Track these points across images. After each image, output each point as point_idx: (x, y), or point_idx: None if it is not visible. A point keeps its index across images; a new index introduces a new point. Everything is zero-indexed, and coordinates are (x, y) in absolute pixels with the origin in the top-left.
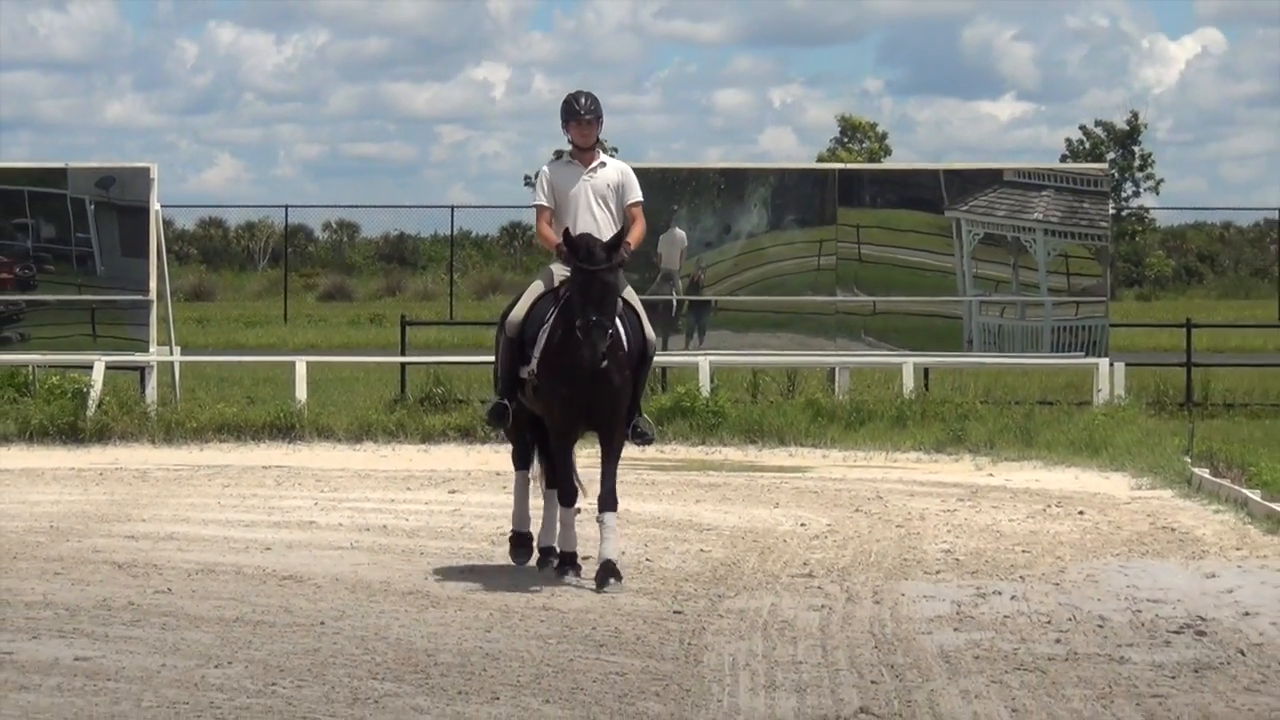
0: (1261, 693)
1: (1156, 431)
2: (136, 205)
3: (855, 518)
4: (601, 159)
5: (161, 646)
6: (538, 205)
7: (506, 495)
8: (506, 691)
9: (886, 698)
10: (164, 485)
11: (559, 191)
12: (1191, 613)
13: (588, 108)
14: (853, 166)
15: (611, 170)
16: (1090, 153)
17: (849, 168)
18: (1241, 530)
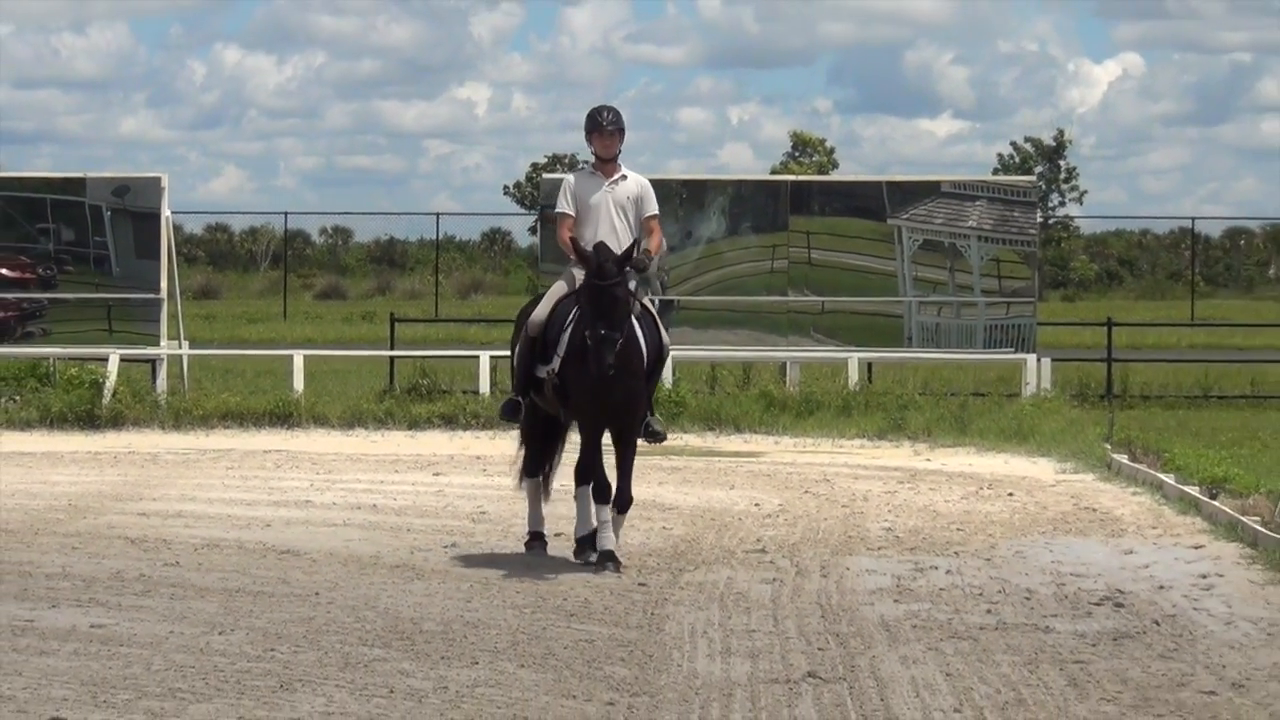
0: (1174, 659)
1: (1079, 421)
2: (149, 212)
3: (804, 499)
4: (623, 171)
5: (170, 615)
6: (560, 213)
7: (486, 477)
8: (485, 657)
9: (832, 663)
10: (173, 467)
11: (581, 201)
12: (1111, 586)
13: (610, 120)
14: (803, 178)
15: (632, 183)
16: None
17: (800, 179)
18: (1157, 511)
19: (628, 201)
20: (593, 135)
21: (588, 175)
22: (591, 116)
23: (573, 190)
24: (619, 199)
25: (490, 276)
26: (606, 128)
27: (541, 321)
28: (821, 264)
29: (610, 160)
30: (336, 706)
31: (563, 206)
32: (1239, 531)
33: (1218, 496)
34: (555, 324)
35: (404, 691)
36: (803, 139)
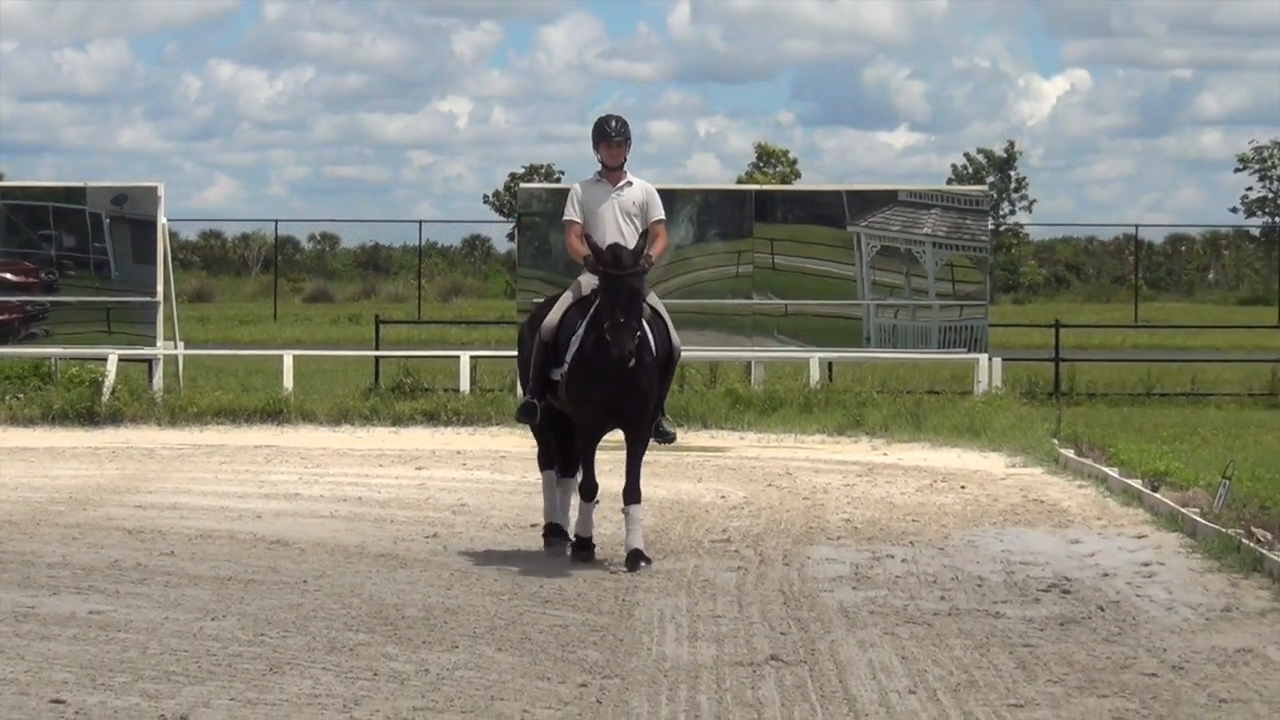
0: (1117, 643)
1: (1029, 417)
2: (146, 219)
3: (768, 491)
4: (629, 179)
5: (165, 602)
6: (568, 220)
7: (466, 471)
8: (465, 641)
9: (794, 647)
10: (168, 462)
11: (588, 208)
12: (1058, 574)
13: (618, 130)
14: (767, 188)
15: (637, 189)
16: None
17: (764, 189)
18: (1101, 503)
19: (634, 207)
20: (600, 144)
21: (594, 183)
22: (599, 126)
23: (580, 198)
24: (625, 205)
25: (470, 281)
26: (614, 138)
27: (554, 326)
28: (784, 269)
29: (617, 168)
30: (323, 688)
31: (570, 214)
32: (1179, 522)
33: (1159, 489)
34: (565, 329)
35: (387, 674)
36: (767, 150)
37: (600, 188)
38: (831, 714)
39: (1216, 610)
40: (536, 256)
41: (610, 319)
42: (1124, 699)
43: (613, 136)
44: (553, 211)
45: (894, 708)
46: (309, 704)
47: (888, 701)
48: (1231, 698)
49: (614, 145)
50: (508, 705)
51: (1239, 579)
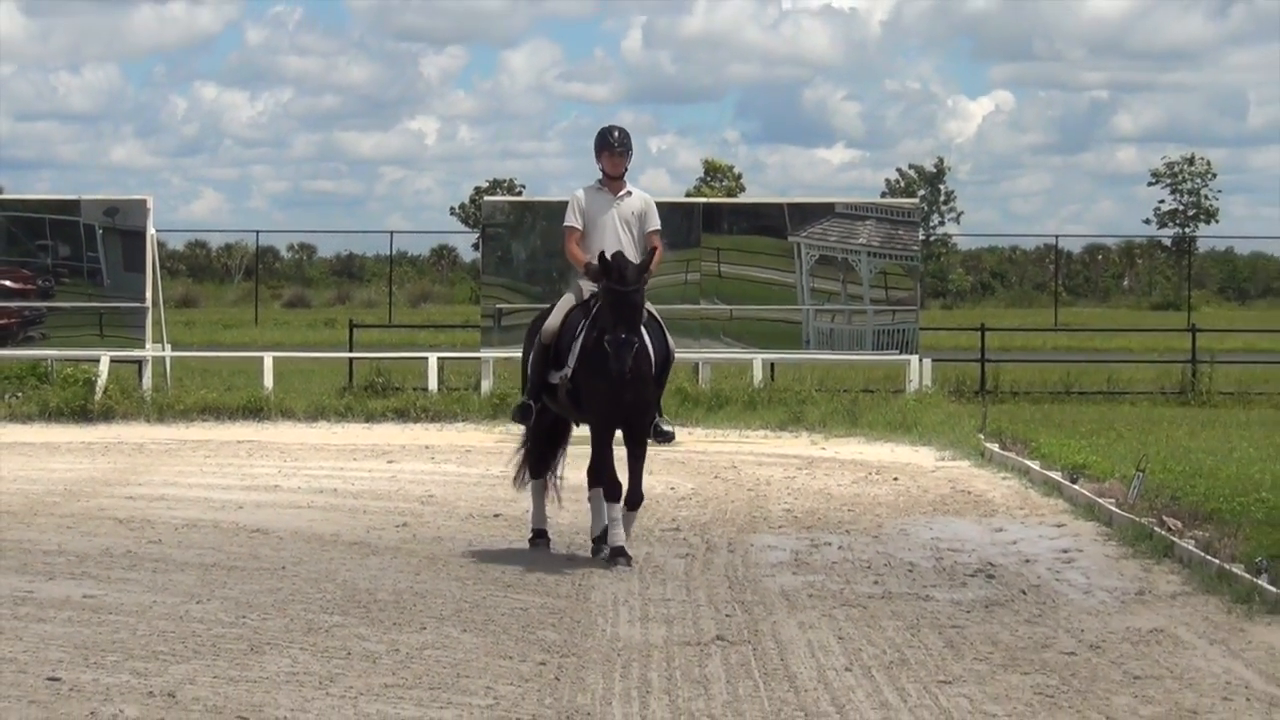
0: (1038, 624)
1: (956, 414)
2: (136, 230)
3: (714, 483)
4: (628, 188)
5: (153, 586)
6: (568, 226)
7: (434, 464)
8: (432, 622)
9: (738, 628)
10: (157, 456)
11: (589, 215)
12: (983, 560)
13: (620, 140)
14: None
15: (637, 199)
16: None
17: (711, 201)
18: (1024, 494)
19: (632, 217)
20: (602, 153)
21: (595, 191)
22: (602, 135)
23: (581, 205)
24: (624, 214)
25: (438, 288)
26: (616, 147)
27: (554, 330)
28: (730, 276)
29: (618, 178)
30: (300, 667)
31: (571, 220)
32: (1096, 512)
33: (1078, 481)
34: (566, 333)
35: (360, 654)
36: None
37: (602, 196)
38: (773, 690)
39: (1131, 594)
40: (499, 265)
41: (611, 334)
42: (1045, 676)
43: (615, 146)
44: (515, 223)
45: (831, 684)
46: (287, 681)
47: (825, 678)
48: (1145, 674)
49: (616, 155)
50: (472, 682)
51: (1151, 565)
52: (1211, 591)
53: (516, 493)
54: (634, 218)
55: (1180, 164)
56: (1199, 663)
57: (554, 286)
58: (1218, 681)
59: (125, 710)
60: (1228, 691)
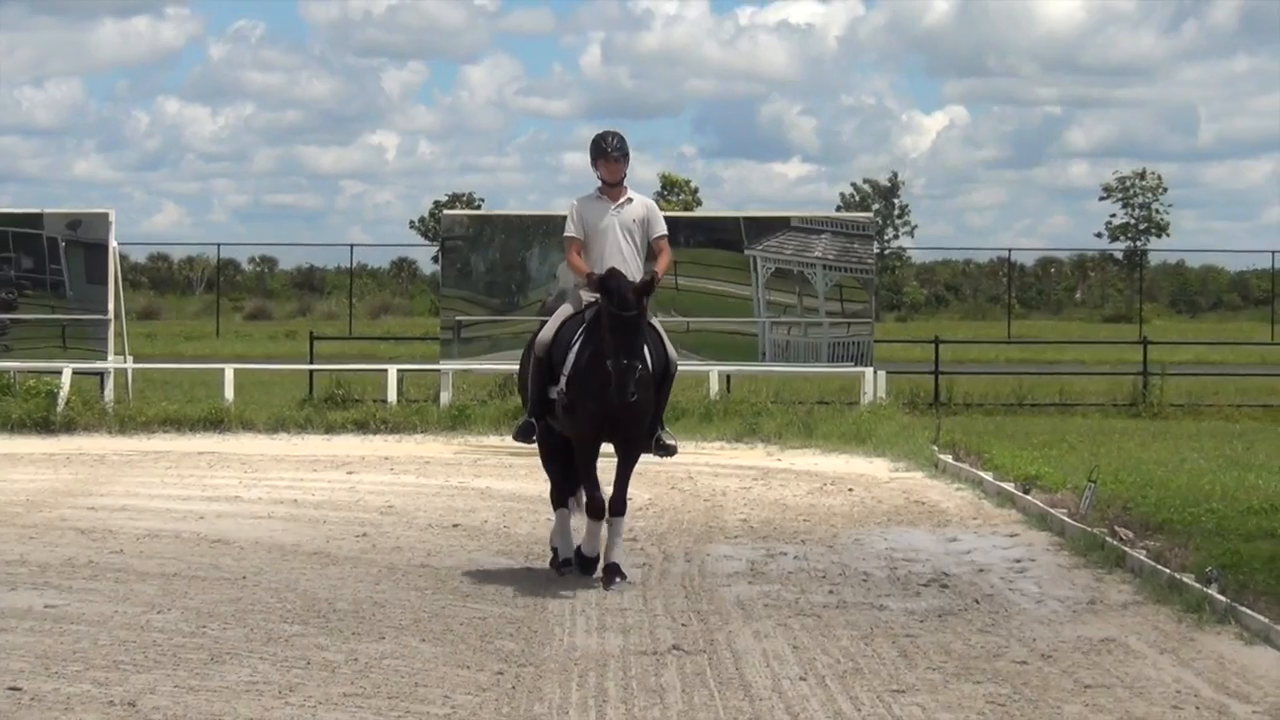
0: (991, 633)
1: (911, 425)
2: (98, 243)
3: (671, 493)
4: (628, 195)
5: (114, 596)
6: (568, 237)
7: (394, 475)
8: (391, 632)
9: (694, 637)
10: (118, 467)
11: (588, 224)
12: (937, 570)
13: (615, 146)
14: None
15: (638, 205)
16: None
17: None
18: (977, 504)
19: (634, 224)
20: (598, 160)
21: (594, 199)
22: (596, 142)
23: (579, 214)
24: (625, 222)
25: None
26: (612, 154)
27: (547, 342)
28: (687, 289)
29: (616, 184)
30: (260, 676)
31: (570, 230)
32: (1049, 522)
33: (1030, 491)
34: (560, 344)
35: (319, 663)
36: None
37: (600, 204)
38: (728, 699)
39: (1082, 603)
40: (459, 277)
41: (614, 360)
42: (997, 685)
43: (610, 152)
44: (473, 236)
45: (786, 693)
46: (247, 691)
47: (780, 688)
48: (1096, 683)
49: (612, 161)
50: (431, 691)
51: (1103, 574)
52: (1162, 601)
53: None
54: (635, 225)
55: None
56: (1149, 672)
57: (513, 299)
58: (1168, 690)
59: (86, 719)
60: (1178, 700)
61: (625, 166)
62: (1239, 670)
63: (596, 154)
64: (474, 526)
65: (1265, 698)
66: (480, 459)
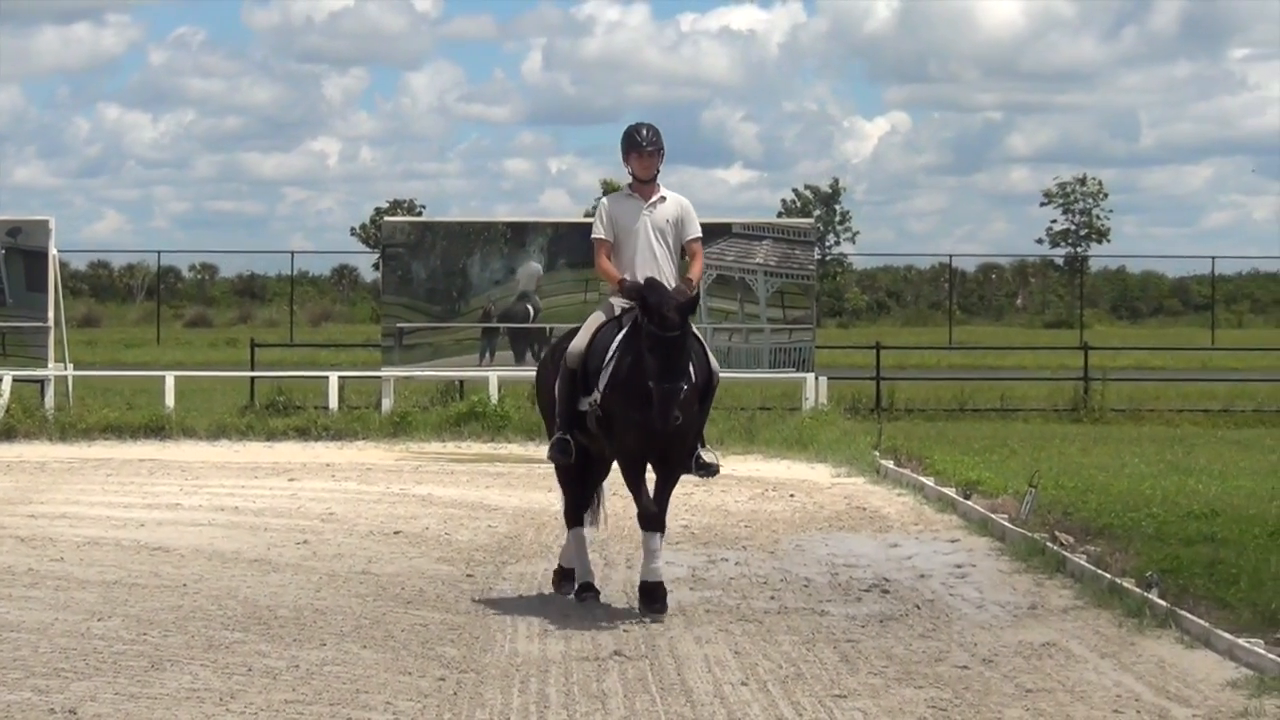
0: (932, 638)
1: (852, 431)
2: (38, 250)
3: (612, 500)
4: (661, 193)
5: (55, 604)
6: (597, 239)
7: (335, 482)
8: (332, 639)
9: (635, 643)
10: (59, 475)
11: (619, 225)
12: (878, 575)
13: (649, 139)
14: None
15: (671, 204)
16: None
17: None
18: (918, 509)
19: (667, 225)
20: (630, 155)
21: (624, 197)
22: (629, 136)
23: (608, 214)
24: (658, 222)
25: (339, 307)
26: (645, 148)
27: (581, 352)
28: None
29: (649, 181)
30: (201, 683)
31: (598, 232)
32: (989, 527)
33: (971, 497)
34: (595, 354)
35: (260, 670)
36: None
37: (631, 203)
38: (670, 704)
39: (1023, 608)
40: (400, 284)
41: (656, 384)
42: (938, 689)
43: (644, 146)
44: (415, 243)
45: (728, 698)
46: (188, 698)
47: (722, 693)
48: (1036, 688)
49: (645, 155)
50: (372, 698)
51: (1044, 579)
52: (1103, 606)
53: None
54: (669, 225)
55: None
56: (1090, 676)
57: (454, 306)
58: (1108, 694)
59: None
60: (1118, 704)
61: (659, 161)
62: (1179, 674)
63: (629, 147)
64: (415, 533)
65: (1205, 701)
66: (421, 465)
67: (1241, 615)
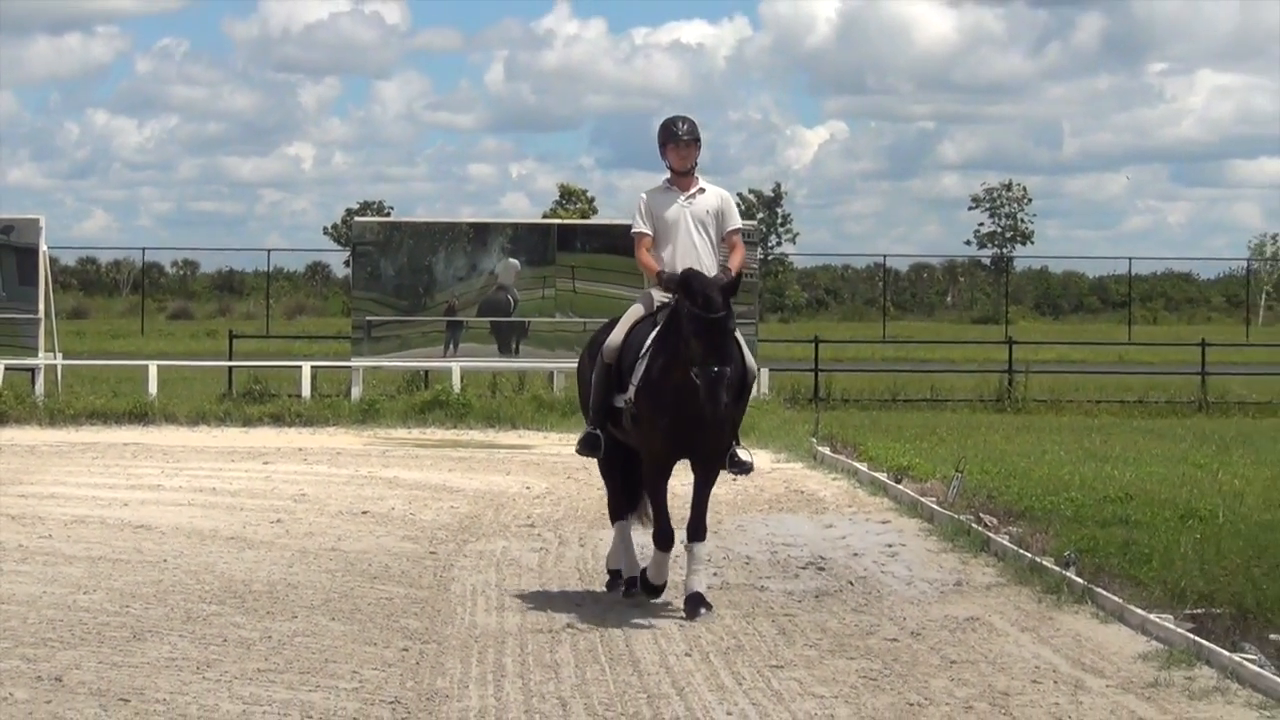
0: (864, 613)
1: (791, 420)
2: (30, 247)
3: (567, 483)
4: (700, 184)
5: (43, 578)
6: (637, 233)
7: (307, 465)
8: (303, 611)
9: (587, 616)
10: (48, 457)
11: (657, 218)
12: (815, 554)
13: (687, 131)
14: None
15: (711, 196)
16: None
17: (566, 223)
18: (852, 493)
19: (707, 216)
20: (667, 147)
21: (663, 190)
22: (666, 127)
23: (647, 207)
24: (698, 214)
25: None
26: (683, 139)
27: (617, 347)
28: (583, 292)
29: (687, 173)
30: (179, 653)
31: (639, 225)
32: (919, 509)
33: (902, 481)
34: (631, 349)
35: (235, 640)
36: (569, 190)
37: (669, 196)
38: (619, 673)
39: (949, 585)
40: (369, 280)
41: (702, 370)
42: (869, 660)
43: (681, 137)
44: (383, 242)
45: (673, 668)
46: (167, 666)
47: (667, 663)
48: (961, 659)
49: (683, 147)
50: (340, 666)
51: (969, 558)
52: (1024, 583)
53: None
54: (709, 217)
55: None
56: (1011, 648)
57: (420, 300)
58: (1028, 665)
59: (15, 693)
60: (1037, 675)
61: (697, 152)
62: (1094, 647)
63: (666, 139)
64: (382, 513)
65: (1118, 672)
66: (388, 450)
67: (1153, 593)
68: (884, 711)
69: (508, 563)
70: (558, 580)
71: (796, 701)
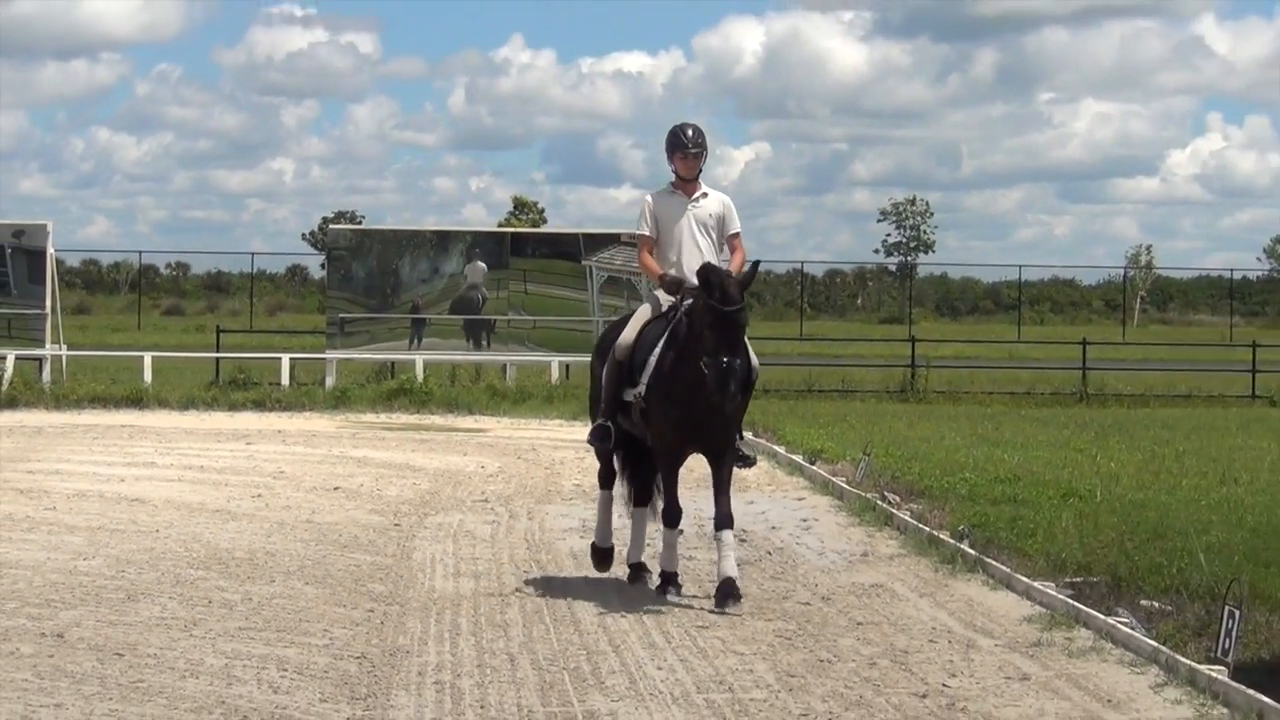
0: (781, 580)
1: None
2: (38, 249)
3: (518, 463)
4: (703, 189)
5: (47, 546)
6: (641, 235)
7: (286, 446)
8: (280, 577)
9: (535, 582)
10: (53, 438)
11: (662, 222)
12: (737, 527)
13: (694, 140)
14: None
15: (714, 201)
16: None
17: (519, 231)
18: (772, 473)
19: (710, 220)
20: (674, 154)
21: (668, 194)
22: (674, 135)
23: (652, 210)
24: (701, 218)
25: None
26: (690, 148)
27: (629, 345)
28: (534, 293)
29: (692, 180)
30: (169, 612)
31: (643, 228)
32: (830, 488)
33: (815, 462)
34: (642, 347)
35: (219, 602)
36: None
37: (675, 200)
38: (562, 632)
39: (857, 555)
40: (342, 281)
41: (714, 360)
42: (784, 622)
43: (688, 147)
44: (355, 247)
45: (609, 628)
46: (158, 625)
47: (605, 623)
48: (866, 621)
49: (689, 156)
50: (312, 626)
51: (874, 532)
52: (923, 554)
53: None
54: (712, 220)
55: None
56: (911, 611)
57: (387, 300)
58: (925, 627)
59: (21, 648)
60: (933, 635)
61: (703, 161)
62: (985, 611)
63: (673, 147)
64: (352, 489)
65: (1005, 633)
66: (358, 433)
67: (1037, 563)
68: (797, 667)
69: (464, 534)
70: (508, 550)
71: (720, 658)
